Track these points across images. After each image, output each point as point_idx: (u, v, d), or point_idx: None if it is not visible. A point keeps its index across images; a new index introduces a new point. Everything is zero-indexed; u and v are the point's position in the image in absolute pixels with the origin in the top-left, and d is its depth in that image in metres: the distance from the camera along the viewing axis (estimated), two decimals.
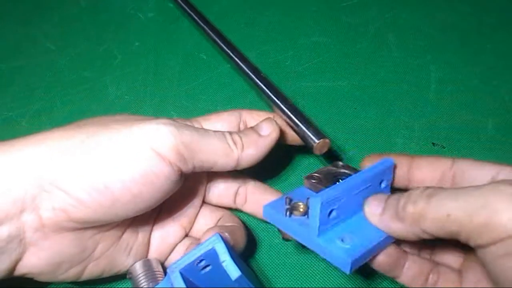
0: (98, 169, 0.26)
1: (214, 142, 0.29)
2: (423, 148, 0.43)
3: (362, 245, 0.26)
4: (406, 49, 0.52)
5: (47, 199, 0.26)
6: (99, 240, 0.30)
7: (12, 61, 0.54)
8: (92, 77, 0.51)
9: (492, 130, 0.44)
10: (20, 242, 0.26)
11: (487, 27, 0.53)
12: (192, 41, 0.54)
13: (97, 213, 0.27)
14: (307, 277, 0.35)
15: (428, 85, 0.48)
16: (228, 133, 0.31)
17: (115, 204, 0.27)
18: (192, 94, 0.49)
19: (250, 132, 0.32)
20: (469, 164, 0.29)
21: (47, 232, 0.27)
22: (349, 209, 0.28)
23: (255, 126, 0.33)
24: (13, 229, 0.26)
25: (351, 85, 0.49)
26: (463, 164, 0.29)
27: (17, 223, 0.26)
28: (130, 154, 0.27)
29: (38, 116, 0.48)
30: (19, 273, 0.28)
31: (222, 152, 0.30)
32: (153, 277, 0.32)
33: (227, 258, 0.28)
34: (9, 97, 0.50)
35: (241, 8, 0.58)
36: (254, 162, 0.31)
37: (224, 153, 0.30)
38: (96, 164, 0.27)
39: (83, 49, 0.54)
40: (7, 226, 0.26)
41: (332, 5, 0.57)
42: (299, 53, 0.52)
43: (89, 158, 0.27)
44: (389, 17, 0.55)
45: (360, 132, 0.44)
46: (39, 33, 0.57)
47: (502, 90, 0.47)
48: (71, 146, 0.27)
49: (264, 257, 0.37)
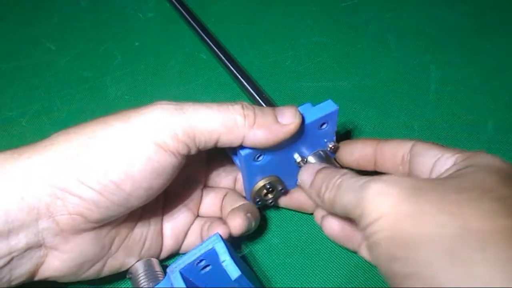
0: (106, 169, 0.27)
1: (215, 118, 0.28)
2: None
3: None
4: (406, 49, 0.52)
5: (61, 205, 0.26)
6: (115, 234, 0.30)
7: (12, 61, 0.54)
8: (92, 77, 0.51)
9: (492, 130, 0.44)
10: (40, 248, 0.27)
11: (487, 27, 0.54)
12: (192, 41, 0.54)
13: (111, 210, 0.27)
14: (307, 277, 0.35)
15: (428, 85, 0.48)
16: (238, 106, 0.29)
17: (127, 198, 0.27)
18: (192, 94, 0.49)
19: (268, 113, 0.29)
20: (422, 149, 0.30)
21: (66, 236, 0.27)
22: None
23: (277, 109, 0.30)
24: (30, 236, 0.26)
25: (351, 85, 0.49)
26: (418, 148, 0.30)
27: (34, 230, 0.26)
28: (133, 150, 0.27)
29: (38, 116, 0.48)
30: (41, 277, 0.28)
31: (225, 128, 0.28)
32: (153, 277, 0.32)
33: (227, 258, 0.28)
34: (9, 97, 0.50)
35: (241, 8, 0.58)
36: (261, 146, 0.29)
37: (227, 129, 0.28)
38: (104, 165, 0.27)
39: (83, 49, 0.54)
40: (24, 234, 0.26)
41: (332, 5, 0.57)
42: (299, 53, 0.52)
43: (95, 159, 0.27)
44: (389, 17, 0.55)
45: (360, 132, 0.44)
46: (39, 33, 0.57)
47: (502, 90, 0.47)
48: (76, 150, 0.27)
49: (264, 257, 0.37)
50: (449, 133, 0.44)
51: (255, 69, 0.50)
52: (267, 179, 0.33)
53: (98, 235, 0.29)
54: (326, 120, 0.32)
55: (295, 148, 0.33)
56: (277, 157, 0.32)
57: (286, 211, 0.39)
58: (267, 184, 0.33)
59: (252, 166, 0.31)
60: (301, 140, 0.32)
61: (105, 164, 0.27)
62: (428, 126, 0.45)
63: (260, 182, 0.33)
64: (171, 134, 0.27)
